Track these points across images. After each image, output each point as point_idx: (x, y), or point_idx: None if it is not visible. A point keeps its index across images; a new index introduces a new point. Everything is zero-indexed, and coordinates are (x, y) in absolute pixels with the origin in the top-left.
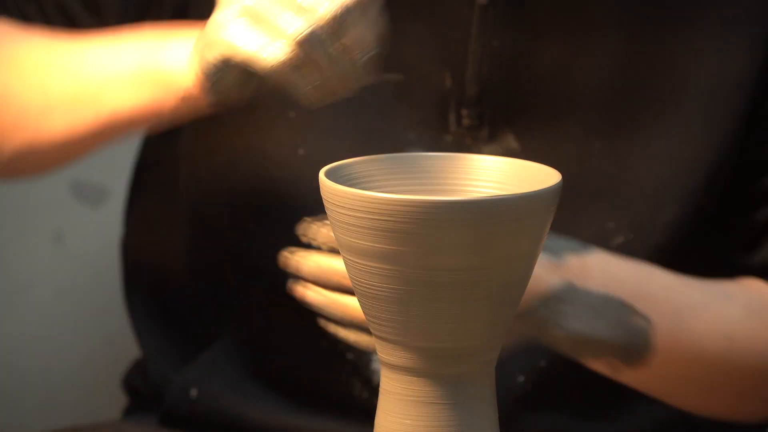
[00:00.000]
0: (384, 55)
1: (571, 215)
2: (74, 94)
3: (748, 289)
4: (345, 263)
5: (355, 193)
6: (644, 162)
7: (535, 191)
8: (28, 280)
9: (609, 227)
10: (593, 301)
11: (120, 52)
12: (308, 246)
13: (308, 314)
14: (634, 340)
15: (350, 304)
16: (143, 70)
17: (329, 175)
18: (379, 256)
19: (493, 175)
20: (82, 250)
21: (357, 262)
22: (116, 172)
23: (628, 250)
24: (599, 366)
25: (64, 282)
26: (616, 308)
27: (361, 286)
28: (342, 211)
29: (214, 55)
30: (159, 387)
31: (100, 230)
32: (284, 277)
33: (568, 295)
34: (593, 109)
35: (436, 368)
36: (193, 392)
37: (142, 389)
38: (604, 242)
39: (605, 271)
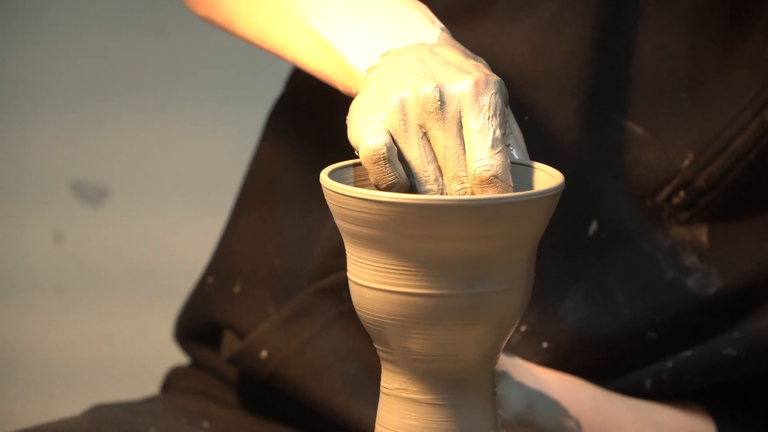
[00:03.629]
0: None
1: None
2: (266, 23)
3: (680, 421)
4: (346, 248)
5: (357, 192)
6: None
7: (535, 192)
8: (28, 280)
9: (728, 352)
10: (529, 392)
11: (323, 4)
12: None
13: None
14: None
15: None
16: (330, 48)
17: (331, 175)
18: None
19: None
20: (82, 250)
21: (358, 247)
22: (116, 172)
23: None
24: None
25: (64, 282)
26: (550, 404)
27: (362, 280)
28: (344, 210)
29: (351, 141)
30: (250, 322)
31: (100, 230)
32: None
33: (506, 380)
34: None
35: (436, 368)
36: (264, 353)
37: (207, 331)
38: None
39: (534, 374)
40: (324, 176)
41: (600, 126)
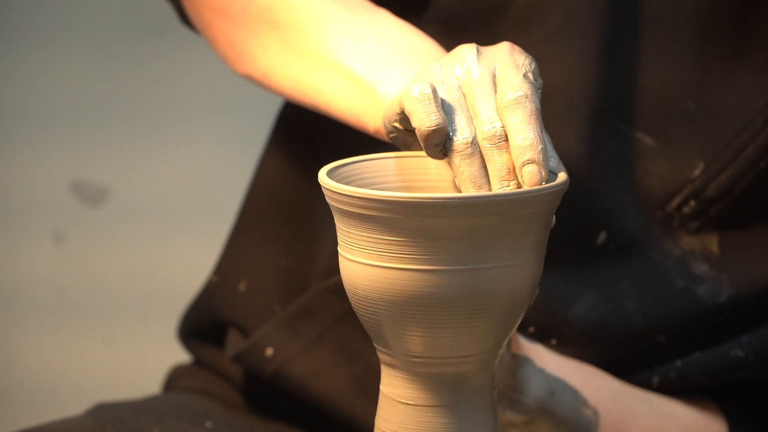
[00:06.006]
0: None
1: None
2: (300, 69)
3: (693, 416)
4: (337, 224)
5: (356, 192)
6: None
7: (533, 189)
8: (28, 280)
9: (736, 356)
10: (550, 378)
11: (355, 46)
12: None
13: None
14: (581, 427)
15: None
16: (363, 81)
17: (329, 174)
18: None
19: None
20: (82, 250)
21: (349, 222)
22: (116, 172)
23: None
24: None
25: (64, 282)
26: (570, 392)
27: (355, 256)
28: (343, 209)
29: (390, 118)
30: (254, 320)
31: (100, 230)
32: None
33: (528, 365)
34: None
35: (436, 371)
36: (269, 351)
37: (212, 329)
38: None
39: (554, 361)
40: (322, 175)
41: (609, 137)
